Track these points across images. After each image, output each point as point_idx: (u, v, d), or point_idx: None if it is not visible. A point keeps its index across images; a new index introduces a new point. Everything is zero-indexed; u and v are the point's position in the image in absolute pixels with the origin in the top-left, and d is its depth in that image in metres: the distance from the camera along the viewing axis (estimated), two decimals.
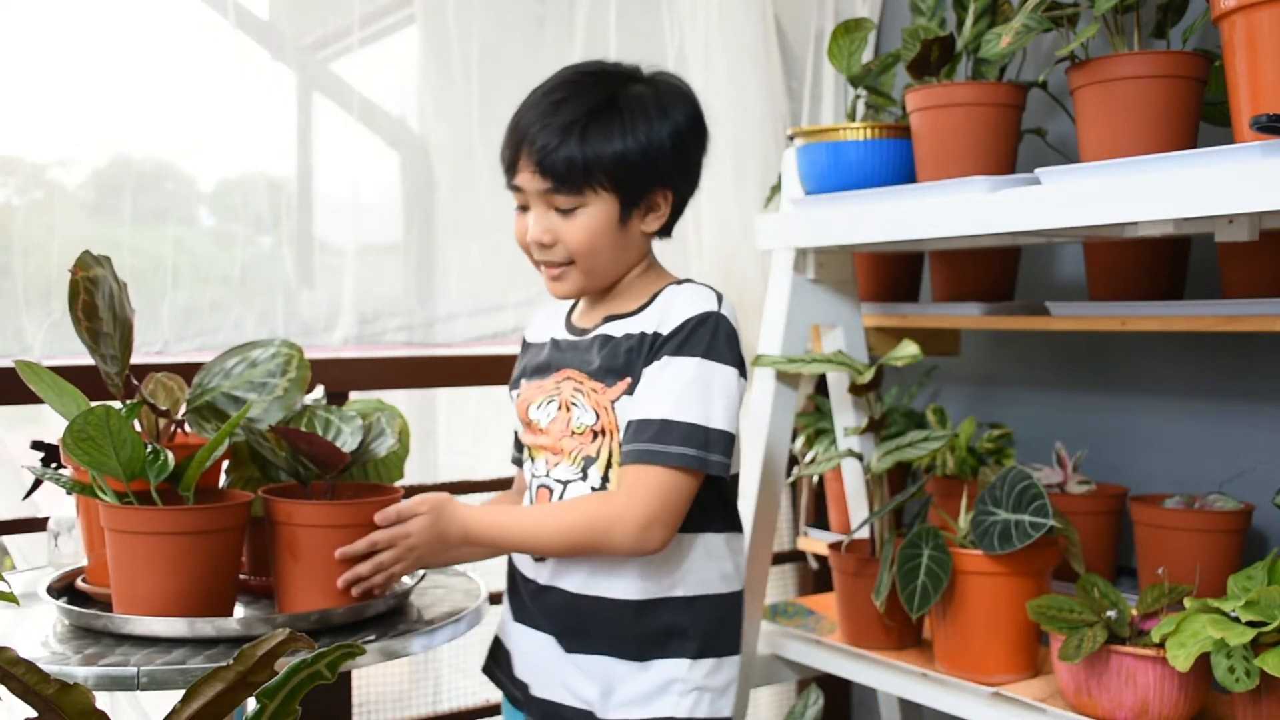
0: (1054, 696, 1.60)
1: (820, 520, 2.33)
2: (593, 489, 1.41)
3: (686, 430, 1.34)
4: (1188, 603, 1.46)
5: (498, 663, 1.57)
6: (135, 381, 1.40)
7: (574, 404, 1.44)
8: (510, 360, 2.20)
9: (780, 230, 1.93)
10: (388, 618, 1.39)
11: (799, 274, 1.94)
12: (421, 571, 1.53)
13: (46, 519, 1.64)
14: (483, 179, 2.12)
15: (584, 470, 1.43)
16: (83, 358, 1.36)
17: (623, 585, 1.41)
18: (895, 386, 2.33)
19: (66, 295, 1.28)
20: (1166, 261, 1.86)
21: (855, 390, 1.83)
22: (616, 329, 1.45)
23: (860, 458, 1.88)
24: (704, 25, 2.22)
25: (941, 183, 1.68)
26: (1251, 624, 1.35)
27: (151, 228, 1.87)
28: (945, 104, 1.74)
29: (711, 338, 1.37)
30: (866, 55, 2.05)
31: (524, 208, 1.46)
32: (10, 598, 1.04)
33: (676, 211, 1.49)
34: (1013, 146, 1.77)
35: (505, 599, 1.57)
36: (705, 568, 1.44)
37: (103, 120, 1.83)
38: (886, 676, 1.78)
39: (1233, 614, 1.38)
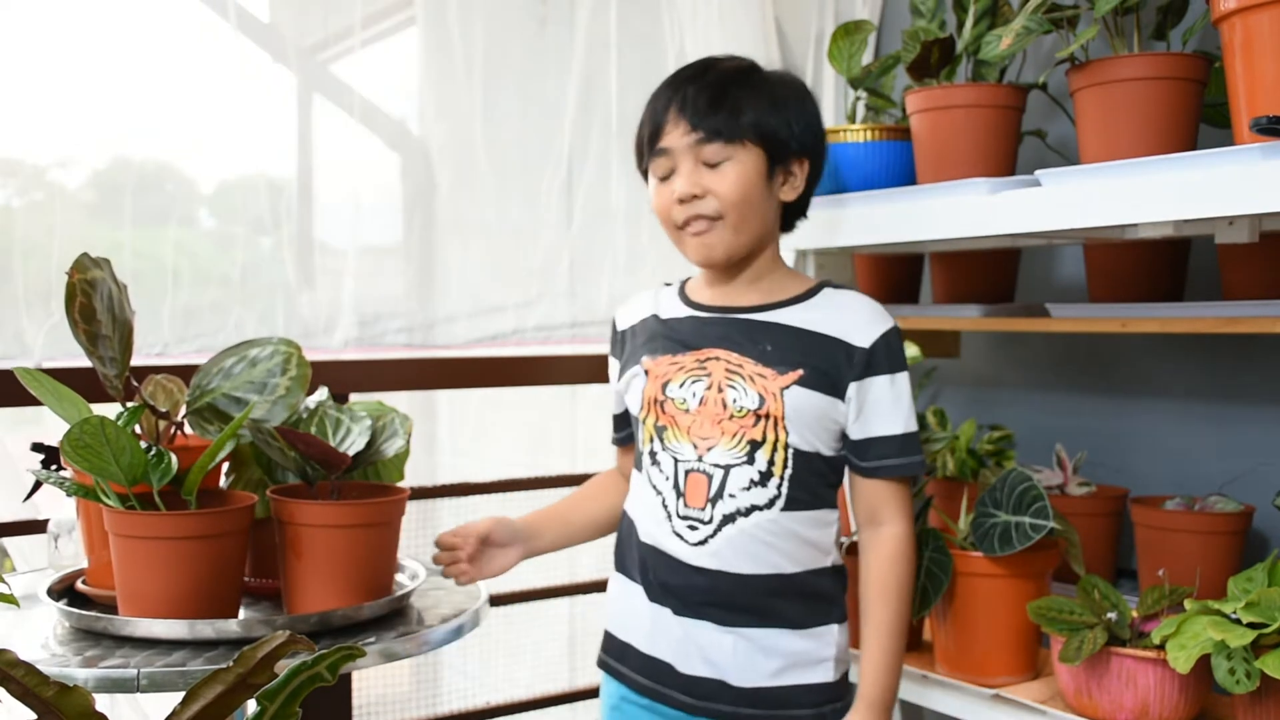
0: (1054, 698, 1.60)
1: None
2: (760, 473, 1.43)
3: (914, 441, 1.48)
4: (1188, 604, 1.46)
5: (614, 655, 1.56)
6: (136, 383, 1.40)
7: (730, 385, 1.44)
8: (511, 362, 2.21)
9: None
10: (388, 620, 1.39)
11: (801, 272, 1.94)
12: (423, 573, 1.53)
13: (46, 521, 1.64)
14: (484, 181, 2.12)
15: (750, 455, 1.43)
16: (84, 360, 1.36)
17: (784, 560, 1.45)
18: None
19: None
20: (1166, 263, 1.86)
21: None
22: (782, 316, 1.48)
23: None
24: (704, 26, 2.22)
25: (942, 184, 1.68)
26: (1252, 625, 1.35)
27: (152, 229, 1.87)
28: (945, 106, 1.74)
29: (903, 350, 1.50)
30: (866, 57, 2.05)
31: (665, 178, 1.48)
32: (10, 600, 1.04)
33: (808, 199, 1.54)
34: (1013, 148, 1.77)
35: (622, 585, 1.55)
36: (838, 537, 1.52)
37: (103, 122, 1.83)
38: None
39: (1233, 615, 1.38)
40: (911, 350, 1.73)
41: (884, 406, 1.46)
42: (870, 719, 1.44)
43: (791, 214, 1.55)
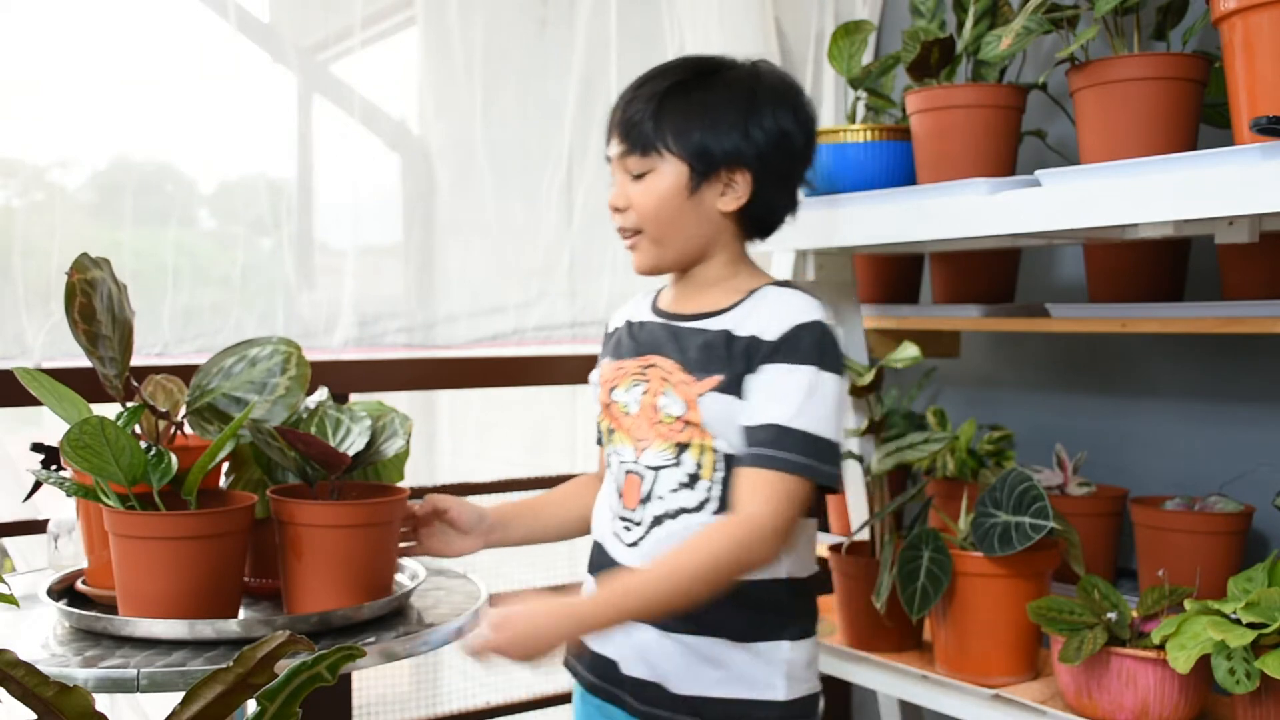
0: (1054, 698, 1.60)
1: (820, 522, 2.32)
2: (689, 475, 1.41)
3: (804, 439, 1.36)
4: (1188, 604, 1.46)
5: (572, 653, 1.55)
6: (135, 383, 1.40)
7: (662, 392, 1.44)
8: (511, 362, 2.21)
9: (780, 232, 1.92)
10: (388, 620, 1.39)
11: (799, 276, 1.94)
12: (423, 573, 1.53)
13: (46, 521, 1.64)
14: (484, 181, 2.12)
15: (677, 457, 1.42)
16: (84, 360, 1.36)
17: None
18: (895, 388, 2.33)
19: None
20: (1166, 263, 1.86)
21: (855, 392, 1.83)
22: (713, 324, 1.46)
23: (860, 460, 1.88)
24: (704, 27, 2.22)
25: (942, 185, 1.68)
26: (1252, 626, 1.35)
27: (152, 229, 1.88)
28: (945, 106, 1.74)
29: (823, 348, 1.39)
30: (866, 57, 2.05)
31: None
32: (10, 600, 1.04)
33: (766, 208, 1.48)
34: (1013, 148, 1.77)
35: (587, 584, 1.54)
36: (802, 551, 1.47)
37: (103, 122, 1.83)
38: (887, 678, 1.78)
39: (1233, 616, 1.38)
40: (911, 350, 1.73)
41: (771, 392, 1.38)
42: (576, 611, 1.31)
43: (753, 221, 1.49)
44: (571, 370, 2.23)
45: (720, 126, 1.42)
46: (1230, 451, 1.89)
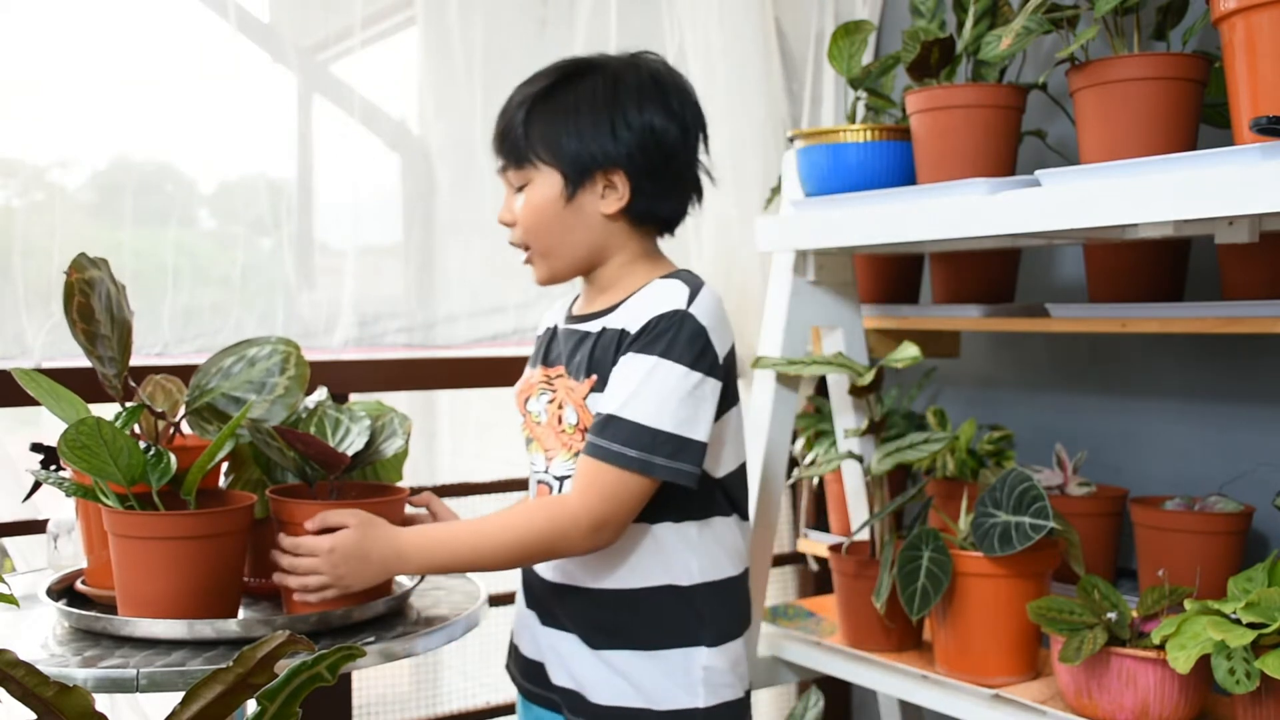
0: (1054, 698, 1.60)
1: (820, 522, 2.33)
2: None
3: (631, 429, 1.32)
4: (1188, 604, 1.46)
5: (509, 657, 1.58)
6: (134, 384, 1.40)
7: (565, 402, 1.44)
8: (511, 361, 2.21)
9: (780, 232, 1.93)
10: (388, 620, 1.39)
11: (799, 276, 1.94)
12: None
13: (46, 521, 1.64)
14: (484, 181, 2.12)
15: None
16: (84, 360, 1.36)
17: (627, 574, 1.41)
18: (895, 388, 2.33)
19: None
20: (1166, 263, 1.86)
21: (855, 392, 1.83)
22: (593, 325, 1.45)
23: (860, 459, 1.88)
24: (704, 27, 2.22)
25: (941, 185, 1.68)
26: (1252, 626, 1.35)
27: (152, 229, 1.88)
28: (945, 106, 1.74)
29: (673, 337, 1.34)
30: (866, 57, 2.05)
31: None
32: (10, 600, 1.04)
33: (651, 205, 1.44)
34: (1013, 148, 1.77)
35: (520, 593, 1.56)
36: (716, 552, 1.44)
37: (103, 122, 1.83)
38: (887, 678, 1.78)
39: (1233, 616, 1.38)
40: (911, 350, 1.73)
41: (613, 382, 1.36)
42: (369, 539, 1.31)
43: (642, 219, 1.45)
44: None
45: (586, 130, 1.39)
46: (1230, 451, 1.89)
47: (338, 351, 2.01)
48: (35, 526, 1.73)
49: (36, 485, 1.53)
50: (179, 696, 0.78)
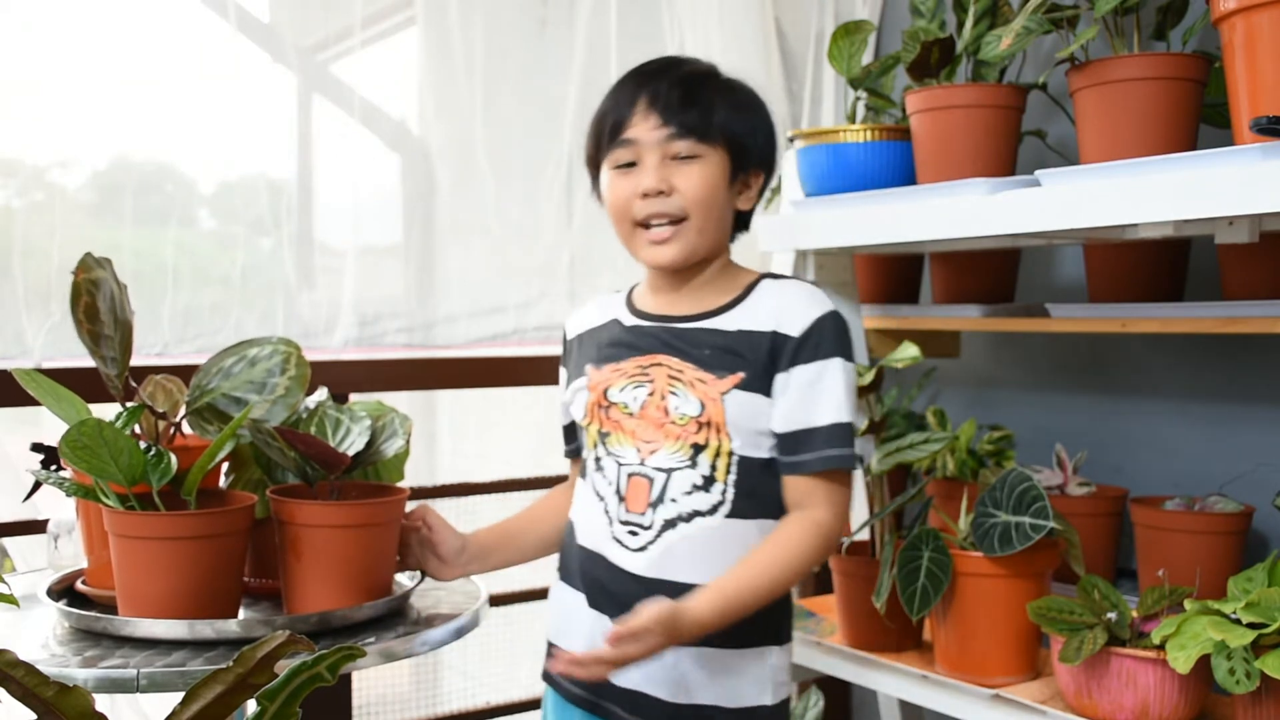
0: (1054, 698, 1.60)
1: None
2: (703, 477, 1.40)
3: (844, 431, 1.41)
4: (1188, 604, 1.46)
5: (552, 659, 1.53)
6: (135, 383, 1.40)
7: (672, 392, 1.42)
8: (511, 362, 2.21)
9: (780, 232, 1.92)
10: (388, 620, 1.39)
11: (800, 275, 1.94)
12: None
13: (46, 521, 1.64)
14: (484, 181, 2.12)
15: (693, 458, 1.40)
16: (83, 360, 1.37)
17: (725, 571, 1.39)
18: (895, 388, 2.33)
19: (67, 297, 1.28)
20: (1166, 263, 1.86)
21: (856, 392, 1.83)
22: (721, 322, 1.45)
23: (860, 460, 1.88)
24: (704, 27, 2.22)
25: (942, 185, 1.68)
26: (1252, 626, 1.35)
27: (152, 230, 1.88)
28: (945, 106, 1.74)
29: (839, 336, 1.42)
30: (867, 57, 2.05)
31: (629, 164, 1.44)
32: (10, 600, 1.04)
33: (752, 210, 1.52)
34: (1013, 148, 1.77)
35: (563, 592, 1.52)
36: None
37: (103, 122, 1.83)
38: (887, 678, 1.78)
39: (1233, 616, 1.38)
40: (911, 350, 1.73)
41: (812, 395, 1.40)
42: (680, 619, 1.30)
43: (742, 223, 1.52)
44: None
45: (757, 126, 1.46)
46: (1230, 451, 1.89)
47: (338, 351, 2.01)
48: (35, 526, 1.74)
49: (37, 485, 1.53)
50: (179, 696, 0.79)
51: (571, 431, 1.60)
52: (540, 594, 2.23)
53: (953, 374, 2.35)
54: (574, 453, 1.61)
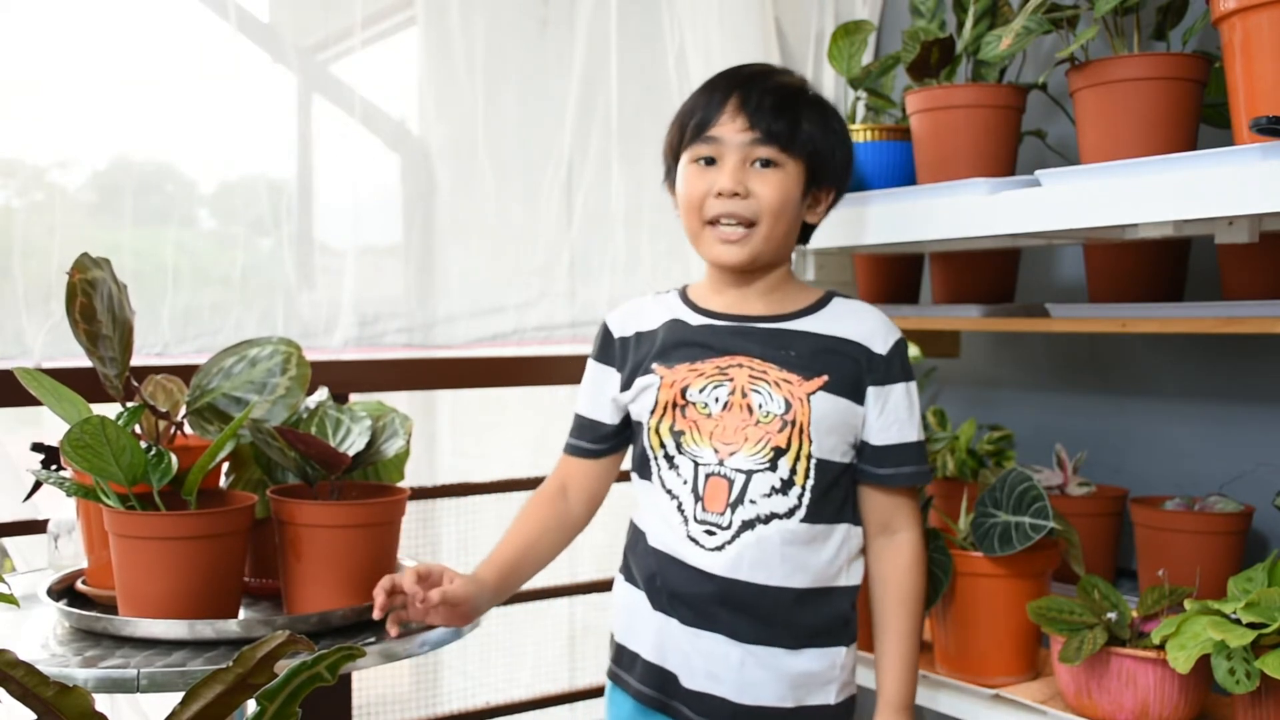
0: (1054, 698, 1.60)
1: None
2: (782, 480, 1.41)
3: (918, 449, 1.50)
4: (1188, 604, 1.46)
5: (622, 666, 1.52)
6: (135, 383, 1.40)
7: (755, 390, 1.43)
8: (511, 362, 2.21)
9: None
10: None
11: (799, 276, 1.94)
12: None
13: (46, 521, 1.64)
14: (484, 181, 2.12)
15: (772, 461, 1.41)
16: (84, 360, 1.36)
17: (800, 574, 1.43)
18: None
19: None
20: (1166, 263, 1.86)
21: None
22: (805, 325, 1.48)
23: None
24: (704, 27, 2.22)
25: (942, 185, 1.68)
26: (1252, 626, 1.35)
27: (152, 230, 1.87)
28: (945, 106, 1.74)
29: (907, 359, 1.51)
30: (866, 57, 2.05)
31: (709, 160, 1.46)
32: (10, 600, 1.04)
33: (815, 225, 1.55)
34: (1013, 148, 1.77)
35: (628, 593, 1.52)
36: (859, 559, 1.51)
37: (103, 122, 1.83)
38: None
39: (1233, 616, 1.38)
40: (911, 350, 1.73)
41: (903, 414, 1.48)
42: (905, 701, 1.47)
43: (805, 238, 1.58)
44: (572, 370, 2.23)
45: (836, 144, 1.49)
46: (1230, 451, 1.89)
47: (338, 351, 2.01)
48: (35, 526, 1.73)
49: (37, 485, 1.53)
50: (179, 696, 0.79)
51: (591, 427, 1.56)
52: (540, 594, 2.23)
53: (953, 374, 2.35)
54: (590, 452, 1.57)
